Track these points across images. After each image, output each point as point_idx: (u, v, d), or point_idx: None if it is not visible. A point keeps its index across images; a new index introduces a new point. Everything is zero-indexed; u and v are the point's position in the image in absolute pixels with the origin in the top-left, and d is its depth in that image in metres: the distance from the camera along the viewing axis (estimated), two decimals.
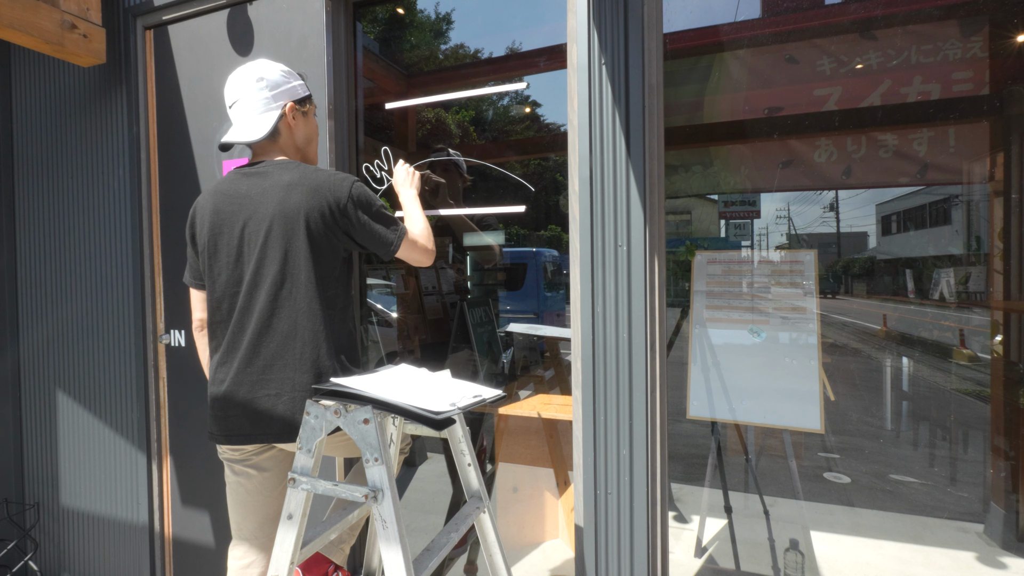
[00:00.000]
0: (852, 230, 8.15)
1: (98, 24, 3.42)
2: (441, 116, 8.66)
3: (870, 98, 3.97)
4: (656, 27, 2.31)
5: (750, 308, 3.05)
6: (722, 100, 4.32)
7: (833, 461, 5.46)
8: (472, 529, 2.55)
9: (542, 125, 8.90)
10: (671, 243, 2.70)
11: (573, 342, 2.41)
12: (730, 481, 4.01)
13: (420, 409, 1.75)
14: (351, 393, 1.83)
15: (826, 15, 4.11)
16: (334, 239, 2.16)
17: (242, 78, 2.27)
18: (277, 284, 2.10)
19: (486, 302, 3.78)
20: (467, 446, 2.17)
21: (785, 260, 3.05)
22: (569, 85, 2.40)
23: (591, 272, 2.35)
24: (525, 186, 3.04)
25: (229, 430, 2.15)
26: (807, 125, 4.16)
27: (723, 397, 3.07)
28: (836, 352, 8.05)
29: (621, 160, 2.29)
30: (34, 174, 3.83)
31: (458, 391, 2.01)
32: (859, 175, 4.21)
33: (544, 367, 3.94)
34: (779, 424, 2.96)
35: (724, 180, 4.75)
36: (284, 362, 2.08)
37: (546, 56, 4.51)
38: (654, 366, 2.30)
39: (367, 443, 1.78)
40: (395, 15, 7.76)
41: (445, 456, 4.74)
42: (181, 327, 3.45)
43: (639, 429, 2.29)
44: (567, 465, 3.68)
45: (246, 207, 2.16)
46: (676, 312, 3.71)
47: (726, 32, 4.21)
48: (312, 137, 2.44)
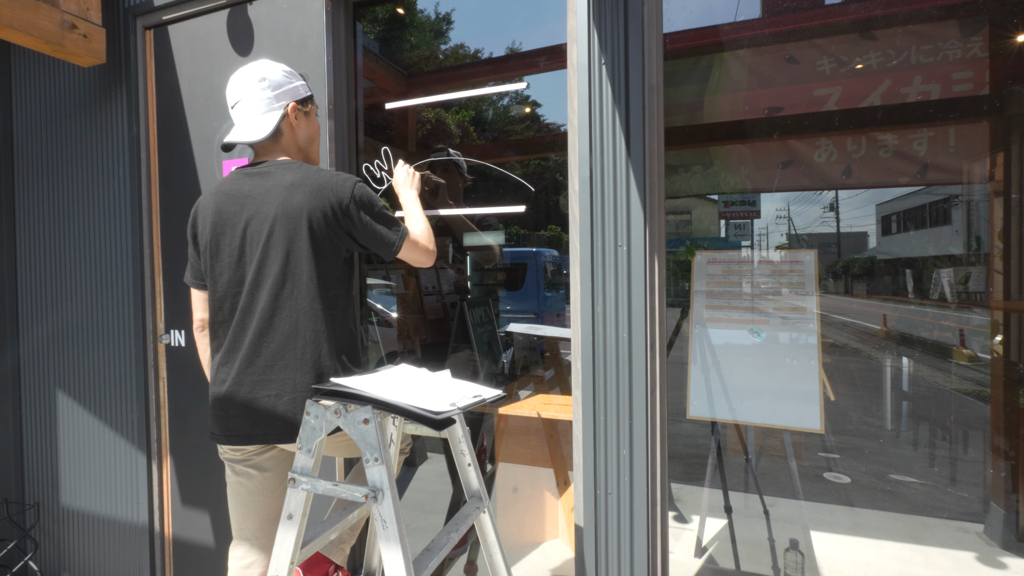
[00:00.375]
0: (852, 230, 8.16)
1: (98, 24, 3.42)
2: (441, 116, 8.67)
3: (870, 98, 3.98)
4: (656, 27, 2.31)
5: (750, 308, 3.05)
6: (722, 100, 4.32)
7: (833, 461, 5.46)
8: (472, 529, 2.55)
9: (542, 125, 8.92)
10: (671, 243, 2.70)
11: (573, 342, 2.41)
12: (730, 481, 4.02)
13: (420, 409, 1.75)
14: (351, 393, 1.83)
15: (826, 15, 4.11)
16: (336, 239, 2.16)
17: (244, 78, 2.27)
18: (279, 284, 2.10)
19: (486, 302, 3.78)
20: (467, 446, 2.17)
21: (785, 260, 3.05)
22: (569, 85, 2.40)
23: (591, 272, 2.35)
24: (525, 186, 3.04)
25: (230, 430, 2.15)
26: (807, 125, 4.16)
27: (723, 397, 3.07)
28: (836, 352, 8.05)
29: (621, 160, 2.29)
30: (34, 174, 3.83)
31: (458, 391, 2.01)
32: (859, 175, 4.21)
33: (544, 367, 3.94)
34: (779, 424, 2.97)
35: (724, 180, 4.75)
36: (285, 362, 2.08)
37: (546, 56, 4.51)
38: (654, 366, 2.30)
39: (367, 443, 1.78)
40: (395, 15, 7.77)
41: (445, 456, 4.75)
42: (181, 327, 3.45)
43: (639, 429, 2.29)
44: (567, 465, 3.68)
45: (248, 207, 2.16)
46: (676, 312, 3.71)
47: (726, 32, 4.21)
48: (314, 137, 2.44)
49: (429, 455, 5.56)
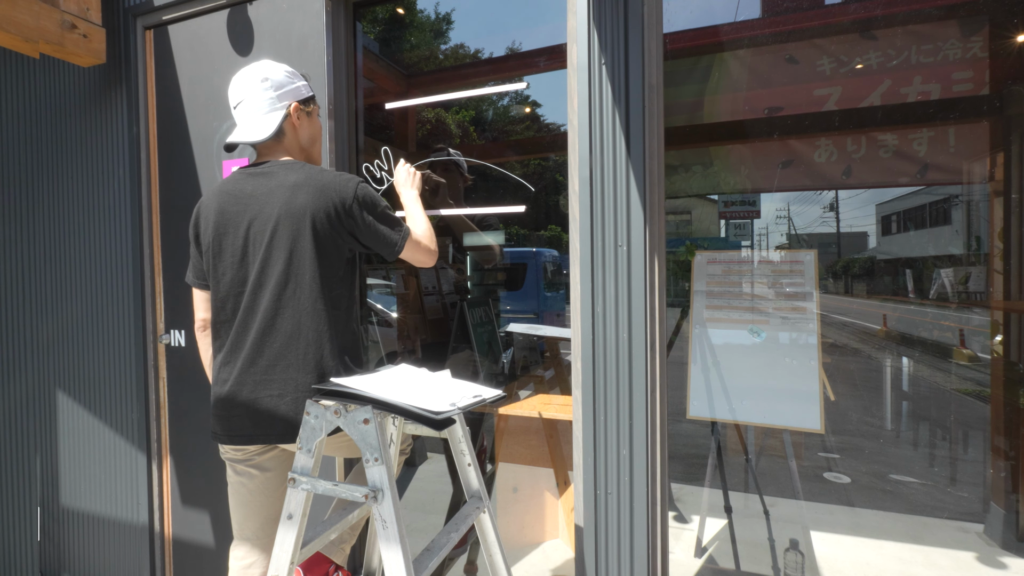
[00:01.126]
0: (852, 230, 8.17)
1: (98, 24, 3.42)
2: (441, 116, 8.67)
3: (870, 98, 3.98)
4: (656, 27, 2.31)
5: (750, 308, 3.05)
6: (722, 100, 4.32)
7: (833, 461, 5.46)
8: (472, 529, 2.55)
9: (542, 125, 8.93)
10: (671, 243, 2.70)
11: (573, 342, 2.42)
12: (730, 481, 4.02)
13: (420, 409, 1.76)
14: (351, 393, 1.83)
15: (826, 15, 4.12)
16: (339, 239, 2.17)
17: (247, 78, 2.27)
18: (281, 284, 2.10)
19: (486, 302, 3.78)
20: (467, 446, 2.17)
21: (785, 260, 3.05)
22: (569, 85, 2.40)
23: (591, 272, 2.35)
24: (525, 186, 3.05)
25: (232, 430, 2.15)
26: (807, 125, 4.16)
27: (723, 397, 3.07)
28: (836, 352, 8.06)
29: (621, 160, 2.29)
30: (35, 173, 3.83)
31: (458, 391, 2.01)
32: (859, 175, 4.21)
33: (544, 367, 3.94)
34: (779, 424, 2.97)
35: (724, 180, 4.76)
36: (287, 362, 2.09)
37: (546, 56, 4.51)
38: (654, 366, 2.30)
39: (367, 443, 1.78)
40: (395, 15, 7.78)
41: (445, 456, 4.75)
42: (181, 327, 3.45)
43: (639, 429, 2.29)
44: (567, 465, 3.68)
45: (251, 207, 2.17)
46: (676, 312, 3.71)
47: (726, 32, 4.21)
48: (316, 137, 2.44)
49: (429, 455, 5.56)
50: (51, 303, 3.79)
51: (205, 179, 3.33)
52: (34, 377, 3.89)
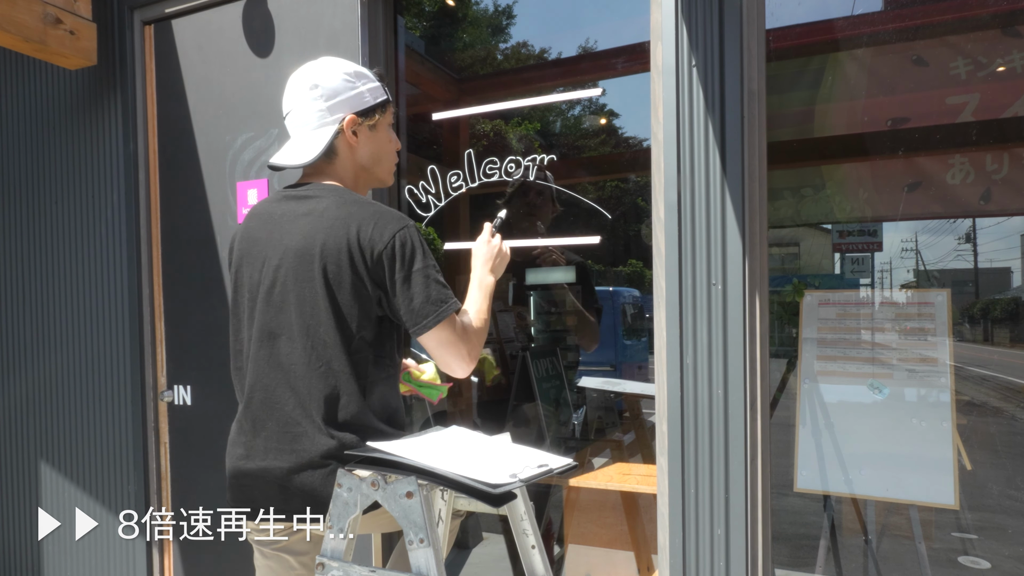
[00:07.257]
0: (993, 265, 8.01)
1: (87, 18, 3.39)
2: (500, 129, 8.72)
3: (1014, 107, 3.90)
4: (757, 22, 2.29)
5: (870, 359, 3.00)
6: (836, 109, 4.28)
7: (970, 543, 5.34)
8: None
9: (620, 139, 8.92)
10: (775, 281, 2.67)
11: (658, 400, 2.39)
12: (846, 567, 3.94)
13: (475, 481, 1.73)
14: (391, 461, 1.80)
15: (961, 7, 4.06)
16: (364, 288, 2.06)
17: (296, 83, 2.20)
18: (302, 334, 2.06)
19: (553, 352, 3.76)
20: (531, 525, 2.13)
21: (912, 301, 3.01)
22: (653, 91, 2.39)
23: (679, 316, 2.32)
24: (600, 212, 3.03)
25: (248, 505, 2.13)
26: (938, 140, 4.10)
27: (837, 466, 3.02)
28: (974, 412, 7.88)
29: (715, 181, 2.27)
30: (12, 198, 3.85)
31: (520, 459, 1.98)
32: (1001, 200, 4.13)
33: (623, 430, 3.91)
34: (905, 499, 2.95)
35: (839, 206, 4.70)
36: (304, 428, 2.04)
37: (625, 57, 4.51)
38: (755, 429, 2.26)
39: (411, 521, 1.76)
40: (444, 8, 7.87)
41: (504, 537, 4.71)
42: (186, 381, 3.42)
43: (737, 504, 2.25)
44: (651, 548, 3.64)
45: (275, 235, 2.13)
46: (781, 364, 3.66)
47: (841, 28, 4.17)
48: (382, 154, 2.33)
49: (485, 535, 5.53)
50: (31, 355, 3.78)
51: (216, 204, 3.30)
52: (10, 444, 3.88)
